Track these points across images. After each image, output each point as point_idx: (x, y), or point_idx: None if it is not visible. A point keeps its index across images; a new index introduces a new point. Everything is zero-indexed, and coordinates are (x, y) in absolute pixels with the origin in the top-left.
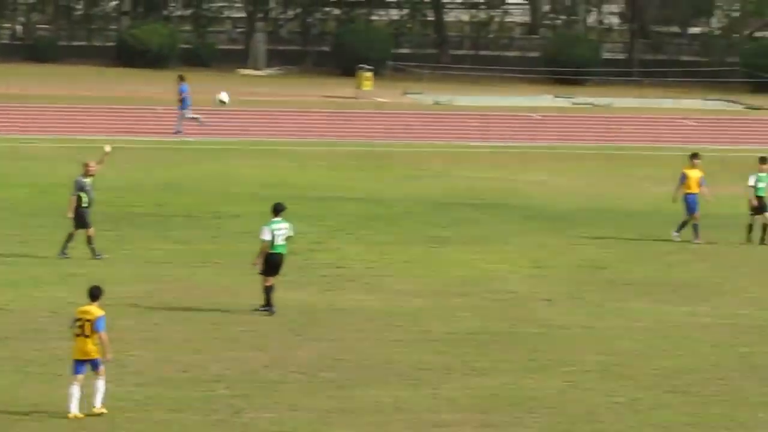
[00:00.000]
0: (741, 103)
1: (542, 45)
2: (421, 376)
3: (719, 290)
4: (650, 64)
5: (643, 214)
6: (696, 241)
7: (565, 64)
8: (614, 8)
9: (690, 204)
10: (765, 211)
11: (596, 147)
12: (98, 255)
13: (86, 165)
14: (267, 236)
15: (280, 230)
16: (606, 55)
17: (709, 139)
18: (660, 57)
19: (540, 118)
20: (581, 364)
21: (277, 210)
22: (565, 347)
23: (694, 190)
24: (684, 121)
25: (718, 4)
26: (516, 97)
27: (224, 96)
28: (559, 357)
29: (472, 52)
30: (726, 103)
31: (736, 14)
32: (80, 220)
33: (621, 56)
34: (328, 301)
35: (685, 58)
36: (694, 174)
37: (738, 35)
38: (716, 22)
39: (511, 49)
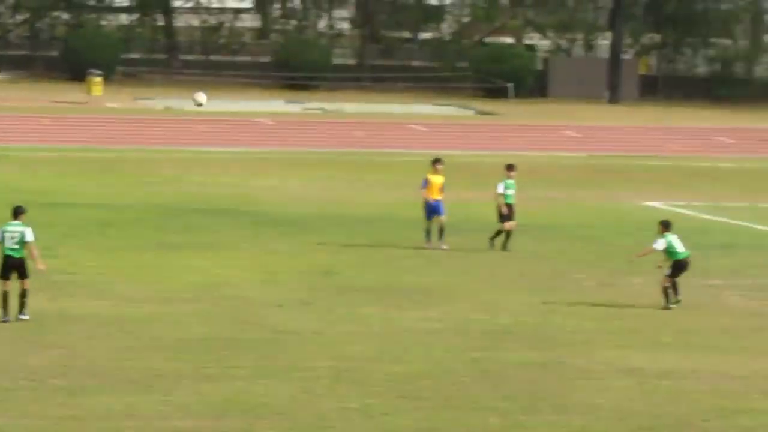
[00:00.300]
0: (472, 109)
1: (273, 50)
2: (153, 383)
3: (450, 295)
4: (381, 69)
5: (374, 220)
6: (427, 246)
7: (296, 69)
8: (345, 13)
9: (433, 209)
10: (513, 218)
11: (328, 152)
12: None
13: None
14: None
15: (11, 233)
16: (337, 60)
17: (440, 145)
18: (391, 62)
19: (271, 123)
20: (313, 370)
21: (15, 213)
22: (297, 353)
23: (437, 195)
24: (415, 126)
25: (449, 9)
26: (247, 102)
27: (201, 97)
28: (291, 363)
29: (202, 57)
30: (457, 108)
31: (467, 20)
32: None
33: (352, 61)
34: (58, 308)
35: (416, 63)
36: (437, 179)
37: (468, 41)
38: (447, 28)
39: (242, 54)
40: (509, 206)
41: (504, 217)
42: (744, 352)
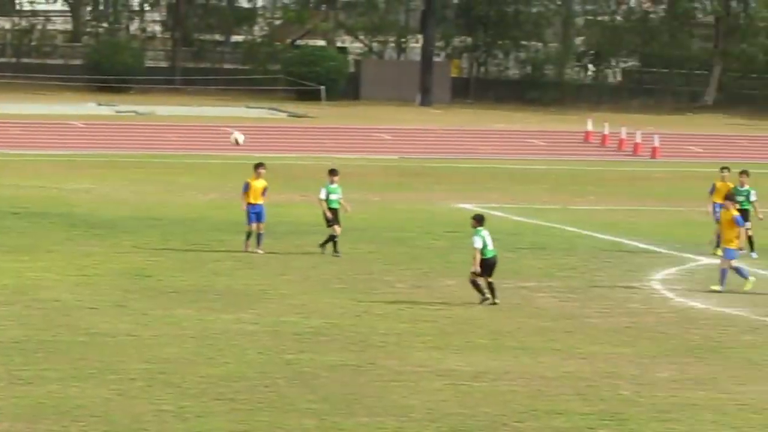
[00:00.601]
0: (284, 111)
1: (85, 52)
2: None
3: (264, 297)
4: (193, 72)
5: (188, 222)
6: (244, 249)
7: (108, 71)
8: (157, 16)
9: (253, 214)
10: (338, 222)
11: (141, 155)
12: None
13: None
14: None
15: None
16: (149, 63)
17: (254, 147)
18: (203, 65)
19: (83, 126)
20: (127, 372)
21: None
22: (111, 355)
23: (258, 200)
24: (226, 128)
25: (260, 12)
26: (60, 105)
27: (239, 137)
28: (105, 365)
29: (14, 60)
30: (269, 110)
31: (278, 22)
32: None
33: (164, 64)
34: None
35: (228, 66)
36: (259, 184)
37: (281, 43)
38: (259, 31)
39: (54, 57)
40: (334, 211)
41: (330, 222)
42: (557, 354)
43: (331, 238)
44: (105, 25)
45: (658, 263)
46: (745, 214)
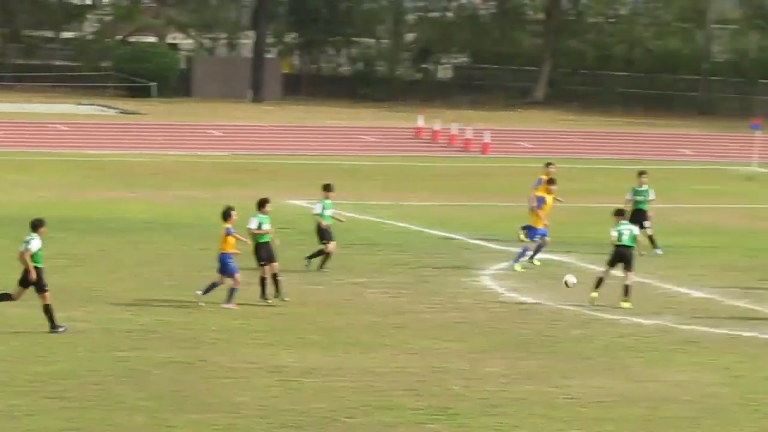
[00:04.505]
0: (115, 108)
1: None
2: None
3: (94, 296)
4: (23, 68)
5: (16, 220)
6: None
7: None
8: None
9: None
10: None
11: None
12: None
13: None
14: None
15: None
16: None
17: (84, 144)
18: (33, 61)
19: None
20: None
21: None
22: None
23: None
24: (57, 125)
25: (91, 8)
26: None
27: (572, 279)
28: None
29: None
30: (99, 107)
31: (109, 18)
32: None
33: None
34: None
35: (58, 62)
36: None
37: (111, 40)
38: (89, 27)
39: None
40: (326, 227)
41: (324, 238)
42: (388, 349)
43: (320, 253)
44: None
45: (489, 258)
46: (643, 213)
